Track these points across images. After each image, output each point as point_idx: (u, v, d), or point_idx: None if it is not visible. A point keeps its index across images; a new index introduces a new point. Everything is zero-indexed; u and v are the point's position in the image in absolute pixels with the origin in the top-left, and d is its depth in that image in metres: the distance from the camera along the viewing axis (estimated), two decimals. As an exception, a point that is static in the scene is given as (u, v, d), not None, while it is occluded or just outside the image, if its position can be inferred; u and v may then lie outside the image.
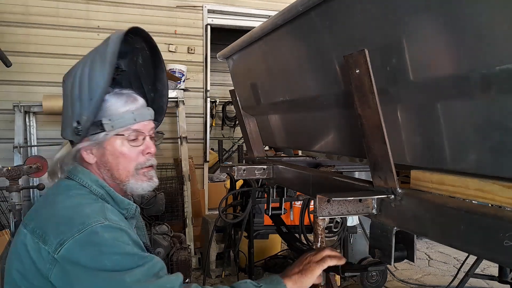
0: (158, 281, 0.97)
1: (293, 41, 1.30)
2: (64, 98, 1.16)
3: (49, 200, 1.10)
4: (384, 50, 0.89)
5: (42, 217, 1.04)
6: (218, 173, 5.89)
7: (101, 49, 1.09)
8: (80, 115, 1.08)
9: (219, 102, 7.91)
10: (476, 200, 0.78)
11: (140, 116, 1.14)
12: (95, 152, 1.13)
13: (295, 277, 1.16)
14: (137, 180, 1.15)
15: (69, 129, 1.12)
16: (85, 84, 1.07)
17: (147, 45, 1.23)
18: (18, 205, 2.77)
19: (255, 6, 5.11)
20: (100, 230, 0.97)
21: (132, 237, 1.04)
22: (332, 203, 0.93)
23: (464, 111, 0.78)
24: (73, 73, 1.14)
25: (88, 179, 1.11)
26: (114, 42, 1.07)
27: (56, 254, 0.94)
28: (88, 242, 0.95)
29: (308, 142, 1.50)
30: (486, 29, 0.67)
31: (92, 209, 1.03)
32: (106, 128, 1.10)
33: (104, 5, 4.52)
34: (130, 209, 1.16)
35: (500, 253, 0.67)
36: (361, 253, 3.37)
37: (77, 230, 0.96)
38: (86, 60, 1.11)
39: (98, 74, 1.05)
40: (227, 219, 2.98)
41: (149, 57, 1.25)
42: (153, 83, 1.27)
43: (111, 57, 1.05)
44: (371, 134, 0.92)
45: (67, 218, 1.00)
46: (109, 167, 1.13)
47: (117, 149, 1.12)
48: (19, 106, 4.05)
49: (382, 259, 0.96)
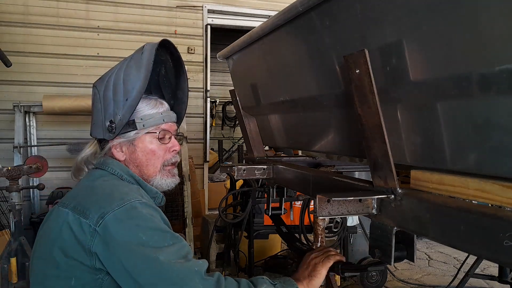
0: (187, 263, 1.02)
1: (293, 41, 1.30)
2: (94, 101, 1.24)
3: (86, 185, 1.17)
4: (384, 50, 0.89)
5: (82, 197, 1.10)
6: (218, 173, 5.90)
7: (135, 56, 1.20)
8: (114, 114, 1.17)
9: (219, 102, 7.92)
10: (476, 200, 0.78)
11: (167, 117, 1.25)
12: (125, 150, 1.22)
13: (306, 281, 1.24)
14: (163, 176, 1.25)
15: (100, 128, 1.20)
16: (120, 86, 1.17)
17: (171, 56, 1.34)
18: (18, 205, 2.77)
19: (255, 6, 5.11)
20: (138, 205, 1.05)
21: (164, 217, 1.11)
22: (332, 203, 0.93)
23: (464, 111, 0.78)
24: (105, 78, 1.22)
25: (118, 169, 1.19)
26: (150, 50, 1.18)
27: (98, 227, 1.00)
28: (127, 216, 1.02)
29: (308, 142, 1.50)
30: (486, 29, 0.67)
31: (130, 188, 1.12)
32: (138, 127, 1.20)
33: (104, 5, 4.52)
34: (157, 197, 1.24)
35: (500, 253, 0.67)
36: (361, 253, 3.37)
37: (117, 205, 1.03)
38: (120, 67, 1.21)
39: (133, 77, 1.16)
40: (227, 219, 2.98)
41: (171, 67, 1.36)
42: (174, 91, 1.38)
43: (147, 62, 1.16)
44: (371, 134, 0.92)
45: (106, 195, 1.07)
46: (138, 163, 1.22)
47: (147, 146, 1.22)
48: (19, 106, 4.05)
49: (382, 259, 0.96)
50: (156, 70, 1.34)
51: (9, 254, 2.74)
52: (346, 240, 3.28)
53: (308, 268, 1.28)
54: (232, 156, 8.18)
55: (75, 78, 4.40)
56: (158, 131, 1.23)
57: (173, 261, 1.00)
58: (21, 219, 2.84)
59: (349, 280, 3.54)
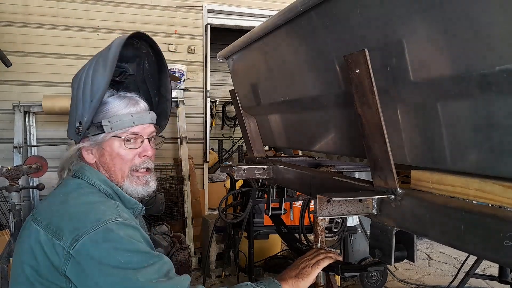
0: (169, 281, 1.00)
1: (293, 41, 1.30)
2: (71, 99, 1.20)
3: (61, 198, 1.11)
4: (384, 50, 0.89)
5: (55, 213, 1.05)
6: (218, 173, 5.90)
7: (104, 52, 1.13)
8: (82, 116, 1.12)
9: (219, 102, 7.91)
10: (477, 200, 0.78)
11: (139, 119, 1.17)
12: (95, 153, 1.17)
13: (292, 280, 1.20)
14: (131, 182, 1.18)
15: (73, 130, 1.16)
16: (88, 86, 1.11)
17: (152, 50, 1.27)
18: (18, 205, 2.77)
19: (255, 6, 5.11)
20: (114, 227, 1.00)
21: (144, 235, 1.07)
22: (332, 203, 0.93)
23: (464, 111, 0.77)
24: (79, 75, 1.17)
25: (96, 178, 1.14)
26: (116, 45, 1.11)
27: (72, 250, 0.96)
28: (103, 239, 0.97)
29: (308, 142, 1.49)
30: (486, 29, 0.67)
31: (106, 206, 1.06)
32: (105, 130, 1.14)
33: (104, 5, 4.52)
34: (136, 208, 1.19)
35: (500, 253, 0.67)
36: (361, 253, 3.37)
37: (92, 227, 0.98)
38: (91, 62, 1.15)
39: (99, 76, 1.09)
40: (227, 219, 2.98)
41: (154, 62, 1.29)
42: (158, 87, 1.31)
43: (112, 60, 1.09)
44: (371, 134, 0.92)
45: (82, 214, 1.02)
46: (107, 167, 1.17)
47: (114, 150, 1.15)
48: (19, 106, 4.05)
49: (382, 259, 0.96)
50: (140, 64, 1.28)
51: (9, 254, 2.74)
52: (346, 240, 3.28)
53: (296, 269, 1.25)
54: (232, 156, 8.18)
55: (75, 78, 4.40)
56: (126, 134, 1.15)
57: (154, 281, 0.97)
58: (21, 219, 2.83)
59: (349, 280, 3.54)
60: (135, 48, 1.24)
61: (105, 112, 1.14)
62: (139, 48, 1.24)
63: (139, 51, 1.25)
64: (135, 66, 1.27)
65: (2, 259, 2.76)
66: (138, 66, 1.28)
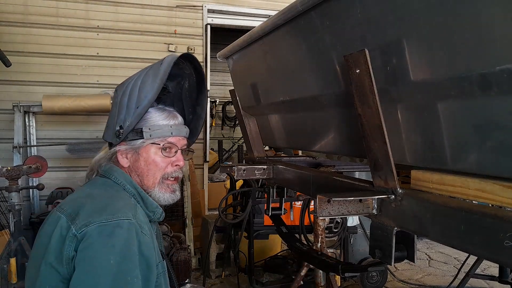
0: None
1: (293, 41, 1.30)
2: (113, 105, 1.27)
3: (87, 191, 1.18)
4: (384, 50, 0.89)
5: (79, 204, 1.10)
6: (218, 173, 5.89)
7: (155, 66, 1.21)
8: (124, 120, 1.19)
9: (219, 102, 7.91)
10: (477, 200, 0.78)
11: (176, 131, 1.25)
12: (130, 157, 1.23)
13: None
14: (161, 189, 1.24)
15: (111, 132, 1.22)
16: (135, 94, 1.19)
17: (195, 72, 1.35)
18: (17, 205, 2.77)
19: (255, 6, 5.11)
20: (125, 225, 1.04)
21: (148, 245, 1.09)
22: (332, 203, 0.93)
23: (464, 111, 0.77)
24: (125, 84, 1.25)
25: (122, 178, 1.20)
26: (168, 62, 1.19)
27: (79, 233, 1.01)
28: (108, 232, 1.01)
29: (308, 142, 1.49)
30: (486, 29, 0.67)
31: (125, 203, 1.12)
32: (144, 136, 1.21)
33: (104, 5, 4.52)
34: (156, 212, 1.24)
35: (500, 253, 0.67)
36: (361, 253, 3.37)
37: (105, 218, 1.02)
38: (140, 74, 1.23)
39: (148, 87, 1.18)
40: (227, 219, 2.98)
41: (195, 82, 1.37)
42: (194, 106, 1.39)
43: (163, 74, 1.17)
44: (371, 134, 0.92)
45: (100, 206, 1.07)
46: (140, 172, 1.23)
47: (150, 156, 1.22)
48: (19, 106, 4.05)
49: (382, 259, 0.96)
50: (180, 83, 1.36)
51: (9, 254, 2.74)
52: (346, 240, 3.28)
53: None
54: (232, 156, 8.17)
55: (75, 78, 4.39)
56: (164, 143, 1.23)
57: None
58: (20, 219, 2.83)
59: (349, 280, 3.54)
60: (179, 68, 1.31)
61: (146, 120, 1.21)
62: (182, 68, 1.32)
63: (182, 71, 1.33)
64: (175, 84, 1.35)
65: (2, 259, 2.75)
66: (177, 85, 1.36)
